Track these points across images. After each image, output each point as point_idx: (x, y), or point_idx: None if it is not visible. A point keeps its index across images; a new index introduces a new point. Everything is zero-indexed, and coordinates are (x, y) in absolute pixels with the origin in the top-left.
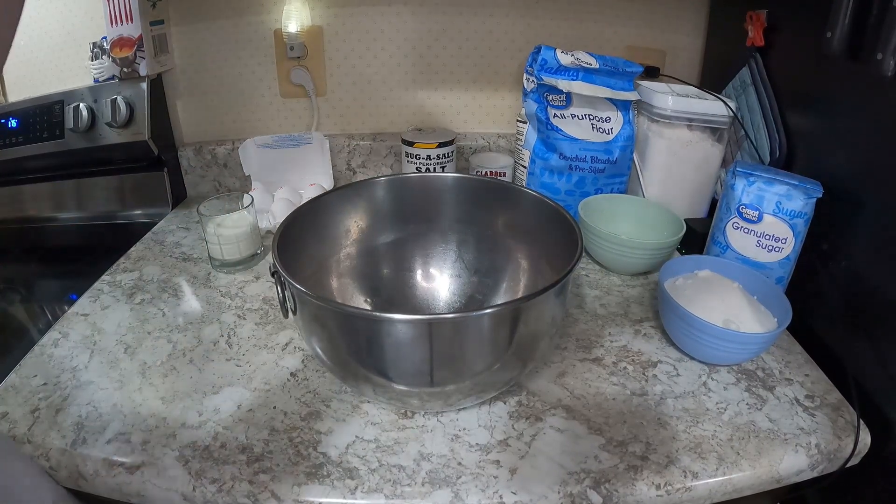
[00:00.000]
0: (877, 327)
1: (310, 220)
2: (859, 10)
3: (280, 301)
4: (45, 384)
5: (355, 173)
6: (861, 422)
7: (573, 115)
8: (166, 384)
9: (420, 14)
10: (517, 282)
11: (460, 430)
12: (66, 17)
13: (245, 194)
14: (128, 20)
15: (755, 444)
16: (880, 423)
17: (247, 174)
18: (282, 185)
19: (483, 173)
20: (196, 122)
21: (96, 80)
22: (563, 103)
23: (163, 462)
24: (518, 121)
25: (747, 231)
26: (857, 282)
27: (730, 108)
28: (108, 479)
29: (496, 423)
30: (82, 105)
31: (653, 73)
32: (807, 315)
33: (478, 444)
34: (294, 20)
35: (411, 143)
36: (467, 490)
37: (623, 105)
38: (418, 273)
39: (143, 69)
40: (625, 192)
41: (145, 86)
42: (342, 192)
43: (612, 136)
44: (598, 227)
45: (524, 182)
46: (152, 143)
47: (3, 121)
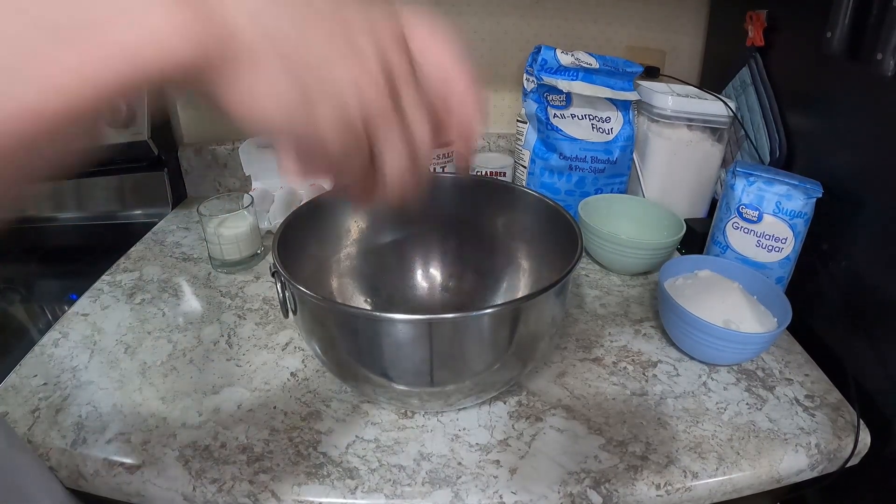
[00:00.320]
0: (877, 327)
1: (310, 220)
2: (859, 10)
3: (280, 301)
4: (45, 384)
5: None
6: (861, 422)
7: (573, 115)
8: (166, 384)
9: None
10: (517, 282)
11: (460, 430)
12: None
13: (245, 194)
14: None
15: (755, 444)
16: (880, 423)
17: (247, 174)
18: (282, 185)
19: (483, 173)
20: (196, 122)
21: None
22: (563, 103)
23: (163, 462)
24: (518, 121)
25: (747, 231)
26: (857, 282)
27: (730, 108)
28: (108, 479)
29: (496, 423)
30: None
31: (653, 73)
32: (807, 315)
33: (478, 444)
34: None
35: None
36: (467, 490)
37: (623, 105)
38: (418, 273)
39: None
40: (625, 192)
41: None
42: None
43: (612, 136)
44: (598, 227)
45: (524, 182)
46: (152, 143)
47: None
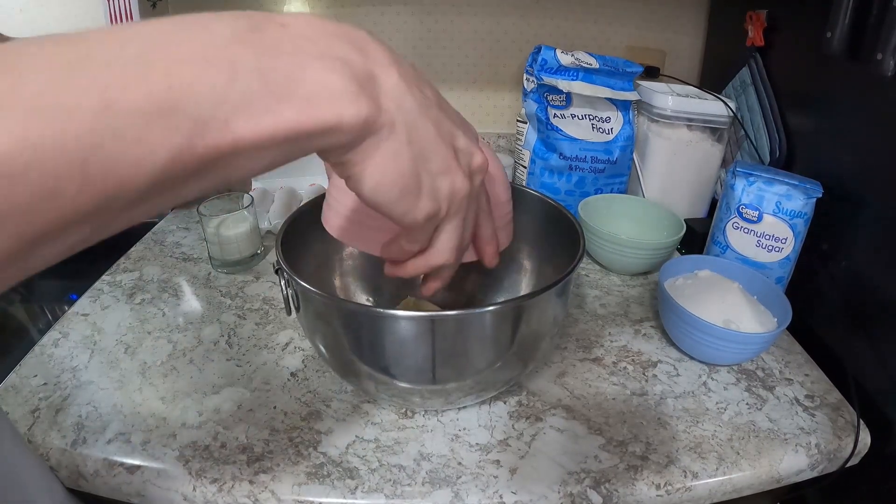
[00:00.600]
0: (877, 327)
1: (313, 218)
2: (859, 10)
3: (284, 298)
4: (45, 384)
5: None
6: (861, 422)
7: (573, 115)
8: (166, 384)
9: (420, 14)
10: (518, 281)
11: (460, 429)
12: (66, 17)
13: (245, 194)
14: (128, 20)
15: (755, 444)
16: (880, 423)
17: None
18: (282, 185)
19: None
20: None
21: None
22: (563, 103)
23: (163, 462)
24: (518, 121)
25: (747, 231)
26: (857, 282)
27: (730, 108)
28: (108, 479)
29: (496, 422)
30: None
31: (653, 73)
32: (807, 315)
33: (478, 444)
34: None
35: None
36: (467, 490)
37: (623, 105)
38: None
39: None
40: (625, 192)
41: None
42: None
43: (612, 136)
44: (598, 227)
45: (524, 182)
46: None
47: None
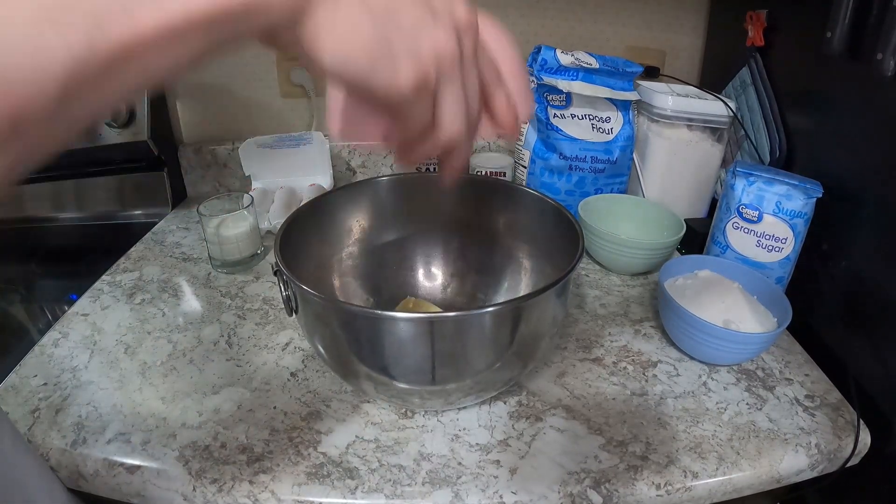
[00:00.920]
0: (877, 327)
1: (312, 219)
2: (859, 10)
3: (283, 299)
4: (45, 384)
5: (355, 173)
6: (861, 422)
7: (573, 115)
8: (166, 384)
9: None
10: (518, 281)
11: (460, 429)
12: None
13: (245, 194)
14: None
15: (755, 444)
16: (880, 423)
17: (247, 174)
18: (282, 185)
19: (483, 173)
20: (196, 122)
21: None
22: (563, 103)
23: (163, 462)
24: None
25: (747, 231)
26: (857, 282)
27: (730, 108)
28: (108, 479)
29: (496, 423)
30: None
31: (653, 73)
32: (807, 315)
33: (478, 444)
34: None
35: None
36: (467, 490)
37: (623, 105)
38: (420, 272)
39: None
40: (625, 192)
41: None
42: (344, 192)
43: (612, 136)
44: (598, 227)
45: (524, 182)
46: (152, 143)
47: None
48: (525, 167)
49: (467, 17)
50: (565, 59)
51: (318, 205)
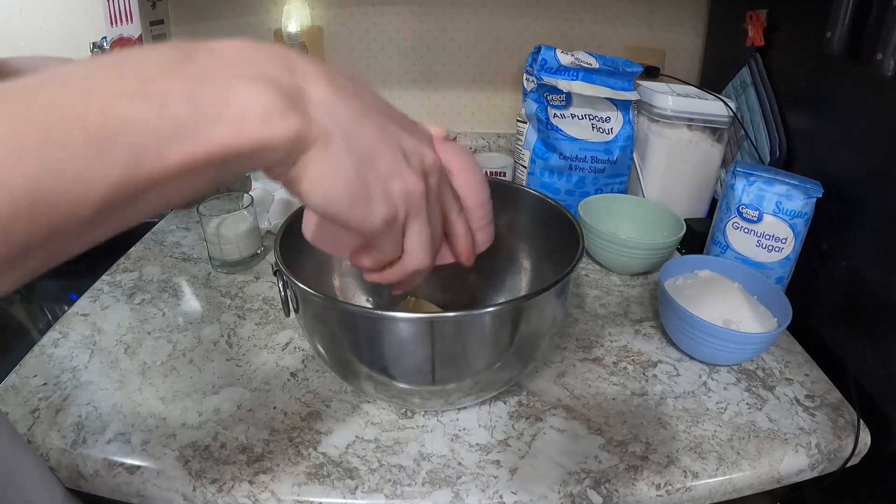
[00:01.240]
0: (877, 327)
1: None
2: (859, 10)
3: (282, 299)
4: (45, 384)
5: None
6: (861, 422)
7: (573, 115)
8: (166, 384)
9: (420, 14)
10: (518, 281)
11: (460, 430)
12: (66, 17)
13: (245, 194)
14: (128, 20)
15: (755, 444)
16: (880, 423)
17: (246, 174)
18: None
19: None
20: None
21: None
22: (563, 103)
23: (163, 462)
24: (518, 121)
25: (747, 231)
26: (857, 282)
27: (730, 108)
28: (108, 479)
29: (496, 423)
30: None
31: (653, 73)
32: (807, 315)
33: (478, 444)
34: (294, 20)
35: None
36: (467, 490)
37: (623, 105)
38: None
39: None
40: (625, 192)
41: None
42: None
43: (612, 136)
44: (598, 227)
45: (524, 182)
46: None
47: None
48: (525, 167)
49: (433, 160)
50: (565, 59)
51: None
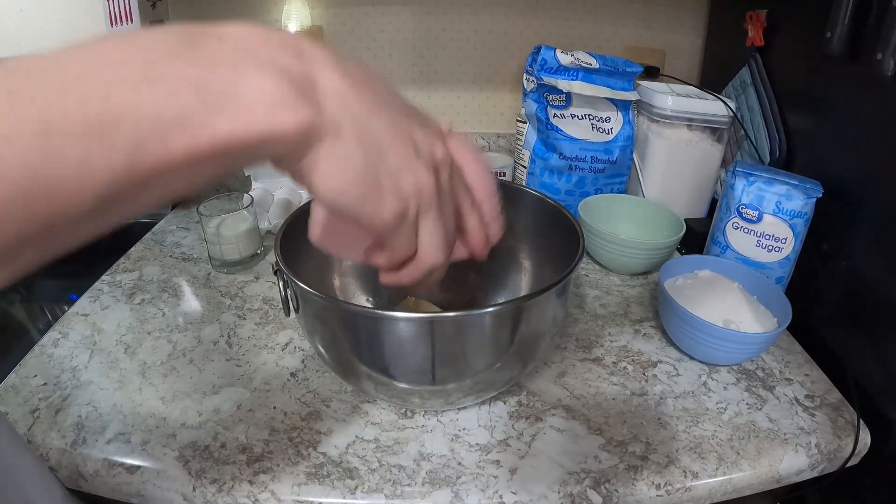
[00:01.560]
0: (877, 327)
1: None
2: (859, 10)
3: (282, 299)
4: (45, 384)
5: None
6: (861, 422)
7: (573, 115)
8: (166, 384)
9: (420, 14)
10: (518, 281)
11: (460, 429)
12: (66, 17)
13: (245, 194)
14: (128, 20)
15: (755, 444)
16: (880, 423)
17: (247, 174)
18: (282, 185)
19: None
20: None
21: None
22: (563, 103)
23: (163, 462)
24: (518, 121)
25: (747, 231)
26: (857, 282)
27: (730, 108)
28: (108, 479)
29: (496, 423)
30: None
31: (653, 73)
32: (807, 315)
33: (478, 444)
34: (294, 20)
35: None
36: (467, 490)
37: (623, 105)
38: None
39: None
40: (625, 192)
41: None
42: None
43: (611, 136)
44: (598, 227)
45: (524, 182)
46: None
47: None
48: (525, 167)
49: (444, 154)
50: (565, 58)
51: None
